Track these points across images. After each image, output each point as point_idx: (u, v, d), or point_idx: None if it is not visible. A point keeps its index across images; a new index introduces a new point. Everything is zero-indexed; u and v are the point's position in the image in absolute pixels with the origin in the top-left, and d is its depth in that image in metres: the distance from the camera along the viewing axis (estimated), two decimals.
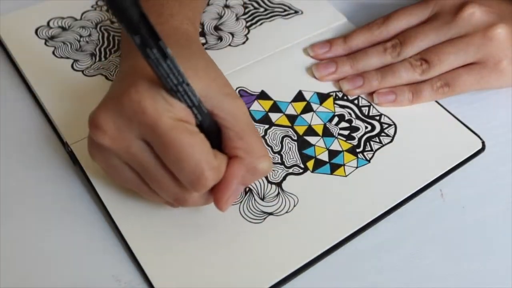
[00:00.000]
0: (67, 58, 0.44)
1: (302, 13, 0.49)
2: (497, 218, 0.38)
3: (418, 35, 0.43)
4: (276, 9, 0.49)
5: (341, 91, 0.44)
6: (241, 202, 0.37)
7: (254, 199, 0.37)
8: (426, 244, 0.37)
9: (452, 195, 0.39)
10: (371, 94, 0.43)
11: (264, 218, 0.36)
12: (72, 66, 0.44)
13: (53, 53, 0.45)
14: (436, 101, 0.43)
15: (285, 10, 0.49)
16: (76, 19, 0.48)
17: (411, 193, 0.38)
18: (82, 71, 0.44)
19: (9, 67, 0.45)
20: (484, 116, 0.44)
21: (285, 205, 0.37)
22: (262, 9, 0.49)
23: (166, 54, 0.27)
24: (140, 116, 0.29)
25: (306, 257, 0.35)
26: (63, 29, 0.47)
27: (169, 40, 0.30)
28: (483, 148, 0.41)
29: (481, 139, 0.41)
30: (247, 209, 0.37)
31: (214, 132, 0.32)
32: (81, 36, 0.46)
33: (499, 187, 0.40)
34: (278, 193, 0.38)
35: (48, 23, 0.47)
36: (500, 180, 0.40)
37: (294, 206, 0.37)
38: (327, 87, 0.44)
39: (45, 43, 0.45)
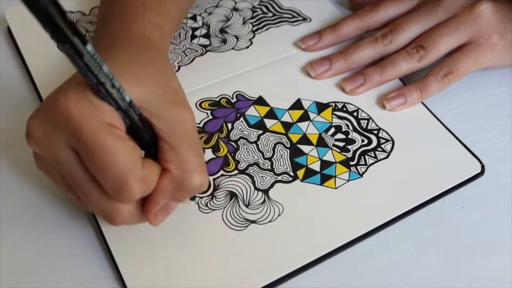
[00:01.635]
0: None
1: (310, 20, 0.48)
2: (497, 218, 0.38)
3: (408, 21, 0.43)
4: (285, 15, 0.49)
5: (341, 101, 0.43)
6: (225, 207, 0.37)
7: (239, 205, 0.37)
8: (426, 244, 0.36)
9: (452, 195, 0.39)
10: (381, 101, 0.43)
11: (246, 226, 0.36)
12: None
13: (58, 46, 0.45)
14: (438, 120, 0.42)
15: (293, 17, 0.49)
16: (84, 14, 0.48)
17: (399, 213, 0.37)
18: None
19: (16, 56, 0.46)
20: (484, 116, 0.43)
21: (269, 214, 0.36)
22: (270, 14, 0.49)
23: (82, 52, 0.26)
24: (66, 121, 0.28)
25: (285, 269, 0.34)
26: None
27: (123, 46, 0.30)
28: (482, 172, 0.39)
29: (480, 162, 0.39)
30: (230, 215, 0.36)
31: (149, 140, 0.31)
32: (87, 31, 0.47)
33: (499, 187, 0.39)
34: (264, 200, 0.37)
35: None
36: (500, 180, 0.40)
37: (278, 215, 0.36)
38: (327, 97, 0.43)
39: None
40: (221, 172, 0.38)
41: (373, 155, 0.40)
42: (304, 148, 0.40)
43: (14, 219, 0.36)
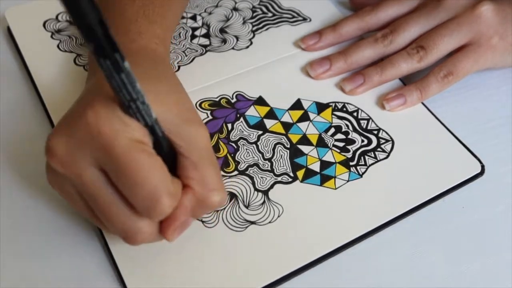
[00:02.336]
0: (71, 52, 0.45)
1: (310, 20, 0.48)
2: (497, 218, 0.38)
3: (409, 22, 0.43)
4: (285, 15, 0.49)
5: (341, 102, 0.43)
6: (224, 208, 0.37)
7: (239, 206, 0.37)
8: (426, 244, 0.36)
9: (452, 195, 0.39)
10: (381, 102, 0.43)
11: (246, 227, 0.36)
12: (74, 61, 0.44)
13: (58, 46, 0.45)
14: (438, 120, 0.42)
15: (293, 17, 0.49)
16: None
17: (399, 213, 0.37)
18: (84, 66, 0.44)
19: (15, 56, 0.46)
20: (484, 116, 0.43)
21: (269, 215, 0.36)
22: (270, 14, 0.49)
23: (122, 68, 0.25)
24: (95, 137, 0.27)
25: (285, 270, 0.34)
26: (71, 23, 0.47)
27: (135, 59, 0.29)
28: (482, 172, 0.39)
29: (480, 162, 0.39)
30: (230, 216, 0.36)
31: (170, 156, 0.30)
32: None
33: (499, 187, 0.39)
34: (264, 201, 0.37)
35: (57, 16, 0.48)
36: (500, 180, 0.40)
37: (278, 216, 0.36)
38: (327, 97, 0.43)
39: (52, 36, 0.46)
40: (221, 173, 0.38)
41: (373, 155, 0.40)
42: (304, 148, 0.40)
43: (14, 221, 0.36)
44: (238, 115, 0.41)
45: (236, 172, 0.38)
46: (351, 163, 0.39)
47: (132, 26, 0.36)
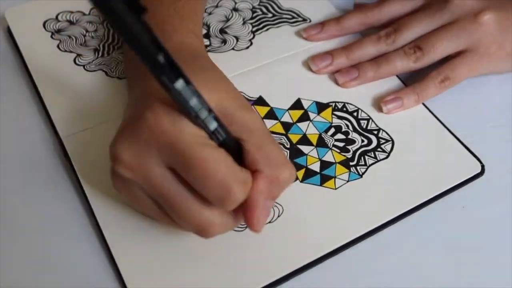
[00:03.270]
0: (71, 52, 0.45)
1: (310, 21, 0.48)
2: (497, 218, 0.38)
3: (412, 22, 0.43)
4: (284, 16, 0.49)
5: (341, 101, 0.43)
6: None
7: None
8: (426, 244, 0.36)
9: (452, 195, 0.39)
10: (379, 104, 0.43)
11: (246, 227, 0.36)
12: (74, 61, 0.44)
13: (58, 46, 0.45)
14: (438, 119, 0.42)
15: (293, 17, 0.49)
16: (84, 14, 0.48)
17: (399, 214, 0.37)
18: (84, 66, 0.44)
19: (15, 57, 0.46)
20: (484, 116, 0.43)
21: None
22: (270, 15, 0.49)
23: (169, 88, 0.26)
24: (159, 136, 0.28)
25: (285, 270, 0.34)
26: (71, 23, 0.47)
27: (175, 57, 0.29)
28: (482, 172, 0.39)
29: (480, 162, 0.39)
30: None
31: (233, 149, 0.31)
32: (87, 31, 0.47)
33: (499, 187, 0.39)
34: None
35: (56, 16, 0.48)
36: (500, 180, 0.40)
37: (278, 216, 0.36)
38: (327, 96, 0.43)
39: (51, 36, 0.46)
40: None
41: (373, 155, 0.40)
42: (304, 148, 0.40)
43: (14, 219, 0.36)
44: None
45: None
46: (351, 163, 0.39)
47: (166, 25, 0.37)
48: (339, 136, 0.41)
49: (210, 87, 0.30)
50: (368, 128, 0.41)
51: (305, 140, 0.40)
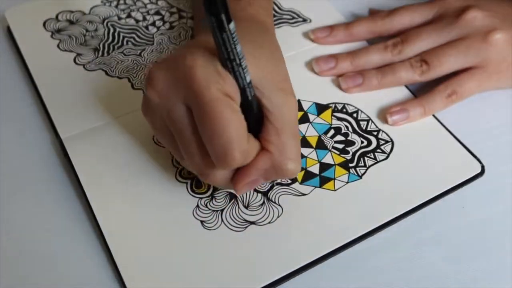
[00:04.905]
0: (71, 51, 0.45)
1: (310, 21, 0.48)
2: (497, 218, 0.38)
3: (420, 34, 0.43)
4: (285, 16, 0.49)
5: (341, 102, 0.43)
6: (224, 208, 0.37)
7: (238, 207, 0.37)
8: (426, 244, 0.36)
9: (452, 195, 0.39)
10: (384, 115, 0.42)
11: (246, 227, 0.36)
12: (74, 60, 0.44)
13: (58, 46, 0.45)
14: (438, 120, 0.42)
15: (293, 18, 0.49)
16: (84, 13, 0.48)
17: (399, 214, 0.37)
18: (84, 65, 0.44)
19: (15, 56, 0.46)
20: (484, 116, 0.43)
21: (268, 215, 0.36)
22: None
23: (225, 28, 0.27)
24: (189, 80, 0.29)
25: (284, 270, 0.34)
26: (71, 22, 0.47)
27: (243, 25, 0.31)
28: (482, 172, 0.39)
29: (480, 162, 0.39)
30: (230, 216, 0.36)
31: (256, 119, 0.32)
32: (87, 31, 0.47)
33: (499, 187, 0.39)
34: (263, 202, 0.37)
35: (56, 16, 0.48)
36: (500, 180, 0.40)
37: (278, 217, 0.36)
38: (326, 98, 0.43)
39: (52, 36, 0.46)
40: None
41: (372, 156, 0.40)
42: (304, 150, 0.40)
43: (14, 220, 0.37)
44: None
45: None
46: (350, 165, 0.39)
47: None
48: (339, 137, 0.41)
49: (257, 63, 0.32)
50: (368, 129, 0.41)
51: (304, 142, 0.40)
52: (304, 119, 0.42)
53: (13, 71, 0.45)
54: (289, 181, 0.38)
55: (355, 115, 0.42)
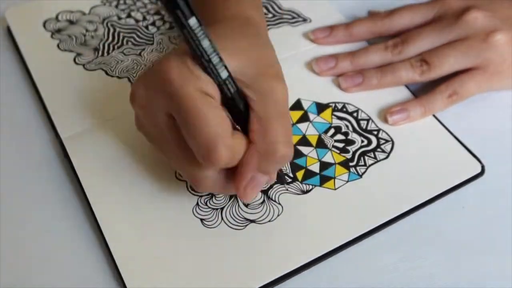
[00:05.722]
0: (71, 51, 0.45)
1: (310, 21, 0.48)
2: (497, 218, 0.38)
3: (421, 35, 0.43)
4: (285, 16, 0.49)
5: (341, 102, 0.43)
6: (224, 206, 0.37)
7: (238, 205, 0.37)
8: (426, 244, 0.36)
9: (452, 195, 0.39)
10: (384, 115, 0.42)
11: (246, 225, 0.36)
12: (74, 60, 0.44)
13: (58, 46, 0.45)
14: (438, 120, 0.42)
15: (293, 18, 0.49)
16: (84, 13, 0.48)
17: (399, 213, 0.37)
18: (83, 65, 0.44)
19: (15, 56, 0.46)
20: (484, 116, 0.43)
21: (268, 214, 0.36)
22: (270, 15, 0.49)
23: (183, 24, 0.27)
24: (165, 84, 0.29)
25: (284, 269, 0.34)
26: (71, 22, 0.47)
27: (225, 23, 0.31)
28: (482, 172, 0.39)
29: (480, 162, 0.39)
30: (230, 214, 0.36)
31: (245, 116, 0.31)
32: (87, 31, 0.47)
33: (499, 187, 0.39)
34: (264, 200, 0.37)
35: (56, 16, 0.48)
36: (500, 180, 0.40)
37: (278, 215, 0.36)
38: (327, 97, 0.43)
39: (51, 36, 0.46)
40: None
41: (372, 155, 0.40)
42: (304, 149, 0.40)
43: (15, 219, 0.36)
44: None
45: None
46: (350, 164, 0.39)
47: None
48: (339, 136, 0.41)
49: (237, 53, 0.31)
50: (368, 128, 0.41)
51: (304, 141, 0.40)
52: (304, 118, 0.42)
53: (13, 71, 0.45)
54: (289, 180, 0.38)
55: (355, 114, 0.42)
